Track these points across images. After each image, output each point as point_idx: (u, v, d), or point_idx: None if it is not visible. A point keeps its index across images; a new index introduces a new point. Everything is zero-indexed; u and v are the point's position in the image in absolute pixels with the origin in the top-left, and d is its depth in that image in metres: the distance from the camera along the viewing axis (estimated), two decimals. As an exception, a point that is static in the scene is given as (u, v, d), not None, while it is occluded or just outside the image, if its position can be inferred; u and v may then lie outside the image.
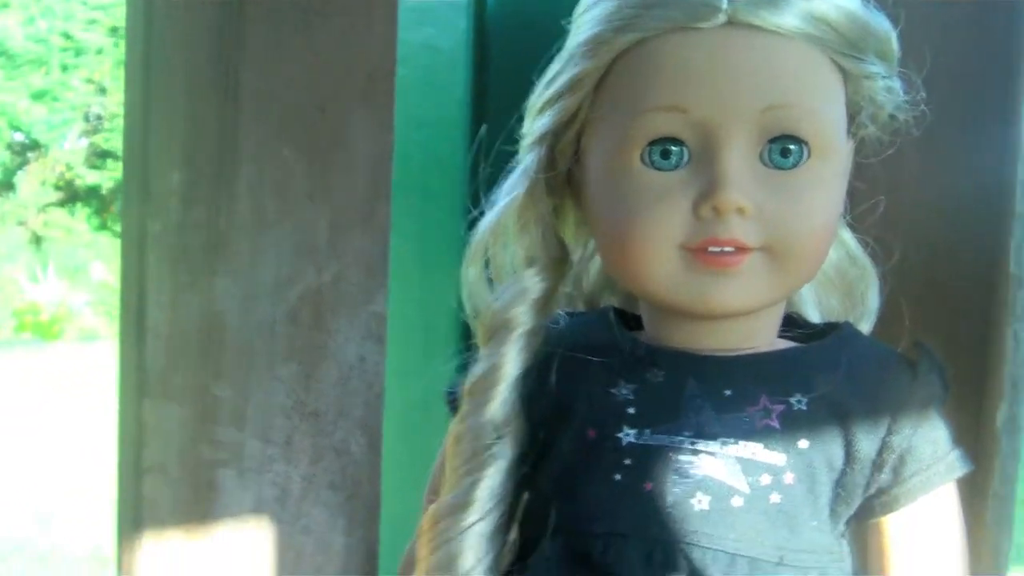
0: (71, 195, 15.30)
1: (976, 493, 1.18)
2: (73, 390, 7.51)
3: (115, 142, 14.74)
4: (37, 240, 14.36)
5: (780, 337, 1.00)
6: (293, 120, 1.22)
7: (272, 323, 1.24)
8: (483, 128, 1.05)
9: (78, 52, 15.53)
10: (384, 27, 1.23)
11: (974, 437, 1.19)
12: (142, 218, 1.22)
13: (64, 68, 15.58)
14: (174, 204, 1.22)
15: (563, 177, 1.00)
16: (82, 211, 15.03)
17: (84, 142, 15.57)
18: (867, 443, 0.92)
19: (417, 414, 1.19)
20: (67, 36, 15.58)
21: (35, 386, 7.94)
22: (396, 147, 1.25)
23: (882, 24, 0.95)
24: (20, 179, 15.10)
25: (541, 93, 0.98)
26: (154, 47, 1.21)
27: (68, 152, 15.51)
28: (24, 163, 15.42)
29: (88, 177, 14.99)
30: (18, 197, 14.90)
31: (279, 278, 1.23)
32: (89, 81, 15.34)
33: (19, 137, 15.24)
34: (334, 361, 1.25)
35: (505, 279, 1.01)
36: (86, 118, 15.51)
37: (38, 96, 15.45)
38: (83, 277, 12.27)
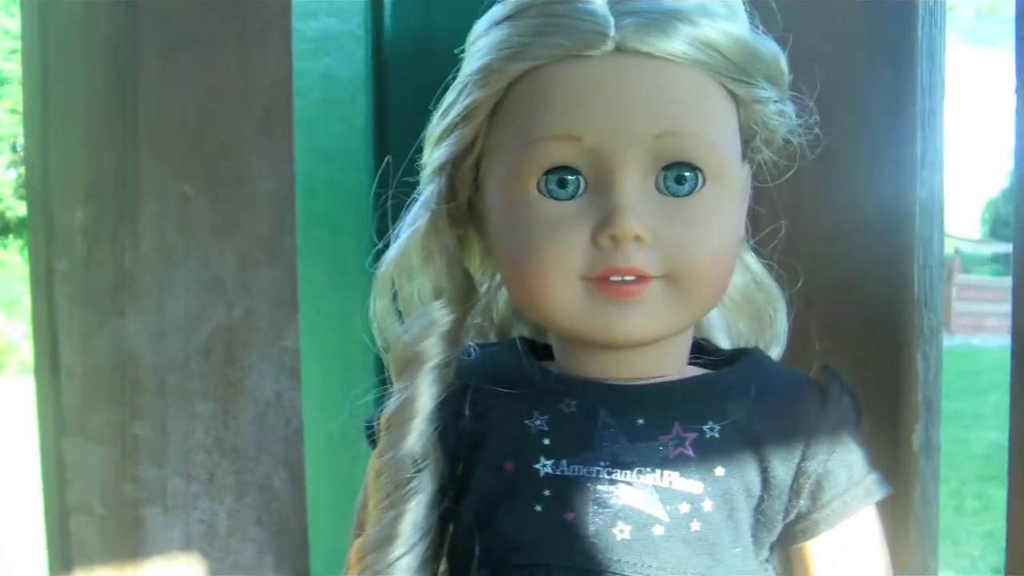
0: (2, 227, 15.25)
1: (898, 515, 1.19)
2: (16, 423, 7.48)
3: (45, 172, 14.75)
4: (-31, 273, 14.31)
5: (690, 364, 0.99)
6: (193, 155, 1.21)
7: (185, 360, 1.23)
8: (387, 159, 1.04)
9: (1, 82, 15.47)
10: (278, 58, 1.22)
11: (892, 460, 1.19)
12: (48, 256, 1.22)
13: (-12, 98, 15.54)
14: (79, 242, 1.21)
15: (465, 207, 0.99)
16: (14, 243, 14.97)
17: (12, 173, 15.51)
18: (782, 469, 0.92)
19: (340, 447, 1.17)
20: (-11, 66, 15.53)
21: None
22: (301, 180, 1.25)
23: (771, 48, 0.95)
24: (-52, 212, 15.10)
25: (438, 123, 0.97)
26: (51, 86, 1.21)
27: (-3, 184, 15.47)
28: (-48, 197, 15.39)
29: (19, 208, 14.93)
30: (-52, 230, 14.89)
31: (189, 315, 1.23)
32: (14, 111, 15.27)
33: (-54, 169, 15.23)
34: (250, 397, 1.24)
35: (413, 311, 1.00)
36: (13, 148, 15.46)
37: (-38, 128, 15.44)
38: (19, 309, 12.21)
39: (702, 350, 1.02)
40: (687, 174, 0.89)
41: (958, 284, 12.34)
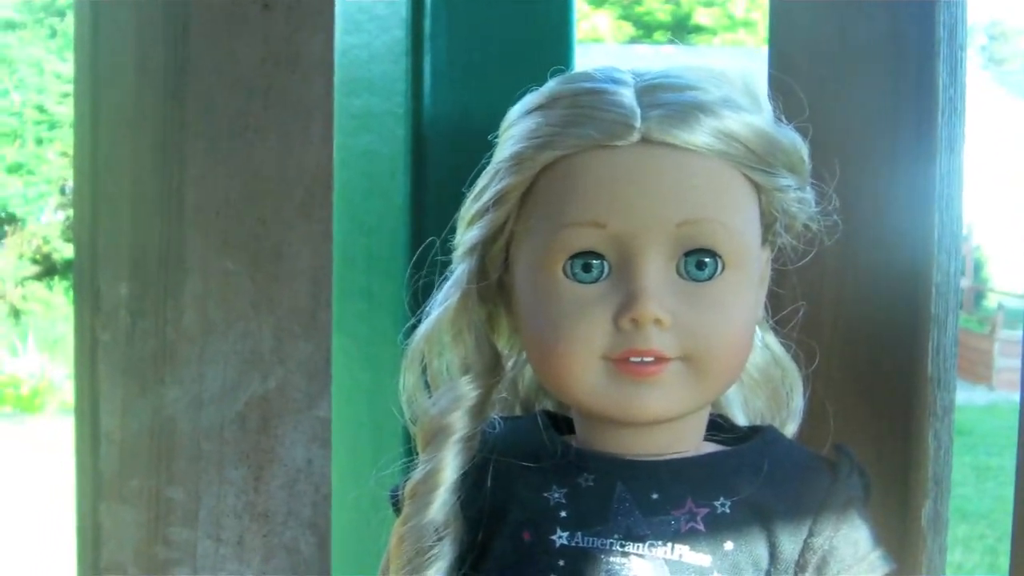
0: (48, 268, 15.28)
1: (905, 588, 1.21)
2: (55, 463, 7.48)
3: (92, 215, 14.81)
4: (16, 313, 14.31)
5: (706, 440, 1.03)
6: (236, 233, 1.24)
7: (220, 428, 1.26)
8: (429, 240, 1.08)
9: (52, 125, 15.57)
10: (320, 141, 1.26)
11: (901, 534, 1.22)
12: (93, 328, 1.25)
13: (39, 142, 15.61)
14: (123, 315, 1.24)
15: (494, 285, 1.03)
16: (60, 284, 14.99)
17: (60, 215, 15.56)
18: (790, 544, 0.95)
19: (367, 513, 1.21)
20: (41, 109, 15.60)
21: (16, 460, 7.92)
22: (341, 251, 1.28)
23: (791, 139, 0.98)
24: (-3, 253, 15.13)
25: (470, 206, 1.01)
26: (100, 165, 1.24)
27: (45, 225, 15.50)
28: (1, 236, 15.41)
29: (65, 251, 14.95)
30: (-4, 271, 14.91)
31: (226, 385, 1.25)
32: (64, 154, 15.32)
33: (-5, 211, 15.27)
34: (281, 465, 1.27)
35: (441, 385, 1.04)
36: (62, 191, 15.50)
37: (13, 169, 15.46)
38: (63, 350, 12.18)
39: (718, 427, 1.05)
40: (707, 260, 0.93)
41: (1001, 340, 12.21)
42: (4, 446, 8.54)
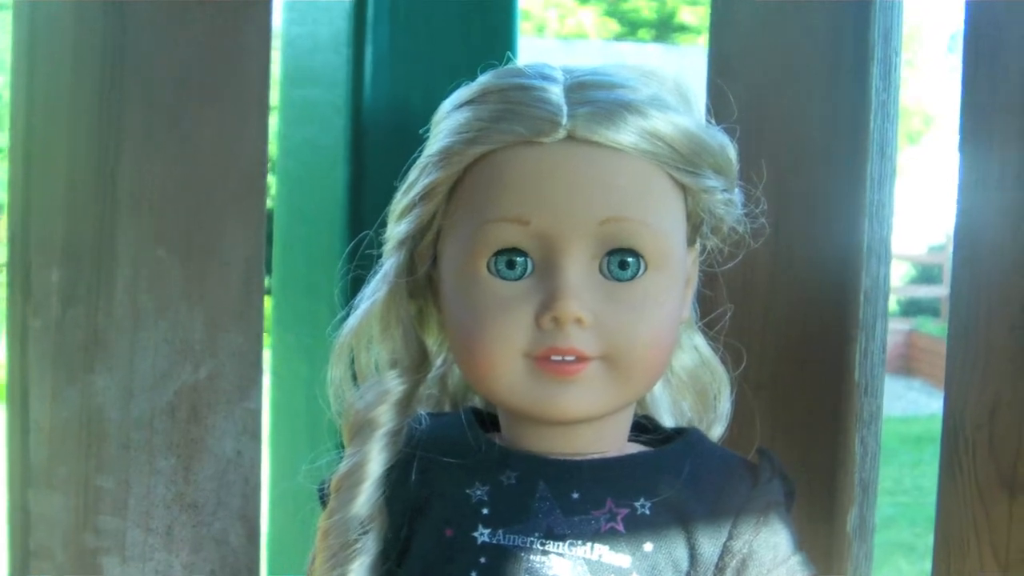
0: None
1: (832, 595, 1.22)
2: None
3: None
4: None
5: (630, 441, 1.03)
6: (169, 222, 1.24)
7: (151, 418, 1.26)
8: (363, 234, 1.07)
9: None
10: (256, 133, 1.26)
11: (827, 540, 1.22)
12: (24, 315, 1.24)
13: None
14: (54, 302, 1.24)
15: (423, 280, 1.03)
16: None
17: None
18: (709, 547, 0.95)
19: (305, 506, 1.21)
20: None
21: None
22: (279, 241, 1.28)
23: (720, 140, 0.98)
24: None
25: (400, 200, 1.01)
26: (35, 145, 1.23)
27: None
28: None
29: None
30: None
31: (156, 375, 1.25)
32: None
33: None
34: (211, 455, 1.27)
35: (368, 380, 1.04)
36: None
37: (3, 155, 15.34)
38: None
39: (643, 428, 1.05)
40: (630, 260, 0.92)
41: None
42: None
